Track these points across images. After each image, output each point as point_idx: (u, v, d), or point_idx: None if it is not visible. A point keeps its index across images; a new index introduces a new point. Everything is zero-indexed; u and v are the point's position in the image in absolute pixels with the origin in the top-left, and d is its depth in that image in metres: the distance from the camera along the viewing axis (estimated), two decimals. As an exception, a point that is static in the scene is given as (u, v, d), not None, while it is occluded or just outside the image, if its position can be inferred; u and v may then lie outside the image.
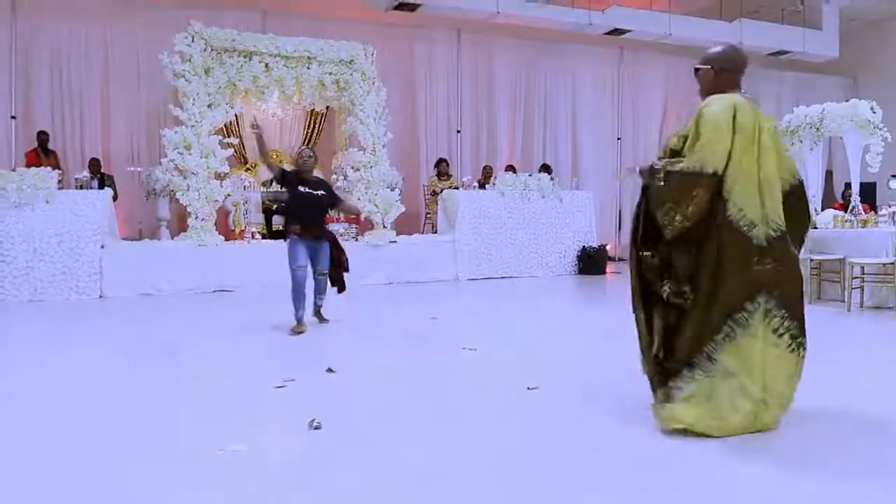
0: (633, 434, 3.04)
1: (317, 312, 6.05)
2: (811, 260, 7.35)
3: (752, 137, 3.00)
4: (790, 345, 3.02)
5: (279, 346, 5.17)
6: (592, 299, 8.43)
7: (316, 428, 3.14)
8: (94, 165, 9.59)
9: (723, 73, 3.17)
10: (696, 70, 3.24)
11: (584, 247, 10.70)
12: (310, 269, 5.76)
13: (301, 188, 5.73)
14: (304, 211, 5.74)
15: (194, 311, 7.20)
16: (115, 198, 9.29)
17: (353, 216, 10.02)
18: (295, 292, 5.63)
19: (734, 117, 2.98)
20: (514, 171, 11.18)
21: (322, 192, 5.80)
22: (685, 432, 2.97)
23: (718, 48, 3.23)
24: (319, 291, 5.94)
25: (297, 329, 5.61)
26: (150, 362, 4.67)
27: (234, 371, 4.41)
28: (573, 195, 10.89)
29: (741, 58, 3.22)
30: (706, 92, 3.18)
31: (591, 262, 10.62)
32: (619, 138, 14.11)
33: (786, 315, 3.01)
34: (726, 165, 2.96)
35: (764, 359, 2.97)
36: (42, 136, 9.62)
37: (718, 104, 3.03)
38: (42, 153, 9.54)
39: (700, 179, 2.95)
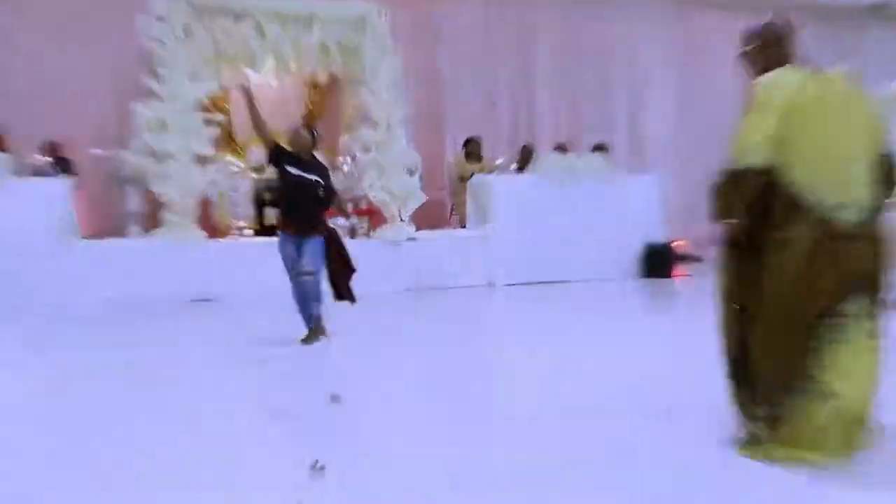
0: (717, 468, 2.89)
1: (312, 333, 5.84)
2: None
3: (811, 111, 3.08)
4: (879, 348, 3.11)
5: (272, 369, 5.13)
6: (657, 309, 8.31)
7: (319, 469, 3.10)
8: (51, 149, 9.60)
9: (766, 50, 3.33)
10: (741, 57, 3.41)
11: (648, 243, 10.58)
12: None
13: (290, 168, 5.70)
14: (291, 197, 5.76)
15: (171, 326, 7.20)
16: (74, 187, 9.33)
17: (360, 209, 10.00)
18: (299, 301, 5.76)
19: (776, 95, 3.10)
20: (565, 151, 11.05)
21: (316, 176, 5.77)
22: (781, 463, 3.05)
23: (751, 29, 3.42)
24: (302, 298, 5.81)
25: (314, 336, 5.73)
26: (115, 390, 4.64)
27: (217, 400, 4.37)
28: (634, 179, 10.80)
29: (780, 27, 3.36)
30: (756, 76, 3.31)
31: (658, 262, 10.49)
32: (685, 110, 13.93)
33: (880, 314, 3.11)
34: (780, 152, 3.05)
35: (863, 369, 3.06)
36: None
37: (760, 86, 3.18)
38: None
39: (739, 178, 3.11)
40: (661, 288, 9.69)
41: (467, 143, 11.58)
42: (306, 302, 5.76)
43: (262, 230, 10.21)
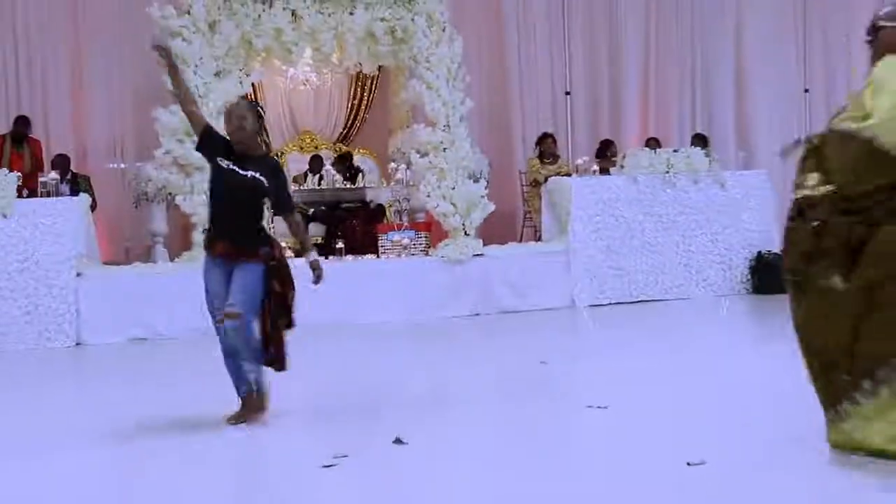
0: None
1: (244, 407, 4.91)
2: None
3: None
4: None
5: (323, 405, 5.21)
6: (772, 331, 8.17)
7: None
8: (62, 163, 9.88)
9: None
10: (881, 28, 3.77)
11: (759, 253, 10.43)
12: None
13: (223, 163, 4.79)
14: (218, 203, 4.86)
15: (204, 362, 7.32)
16: (94, 207, 9.64)
17: (416, 222, 10.10)
18: (225, 358, 4.95)
19: None
20: (658, 146, 10.99)
21: (259, 175, 4.79)
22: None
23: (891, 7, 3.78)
24: (229, 353, 4.90)
25: (247, 411, 4.87)
26: (147, 444, 4.75)
27: (264, 446, 4.51)
28: (741, 177, 10.65)
29: None
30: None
31: (771, 274, 10.30)
32: (806, 90, 13.74)
33: None
34: None
35: None
36: (20, 124, 9.87)
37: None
38: (13, 145, 9.85)
39: None
40: (777, 306, 9.53)
41: (540, 140, 11.62)
42: (233, 360, 4.86)
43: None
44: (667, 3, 13.28)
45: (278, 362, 4.91)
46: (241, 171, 4.71)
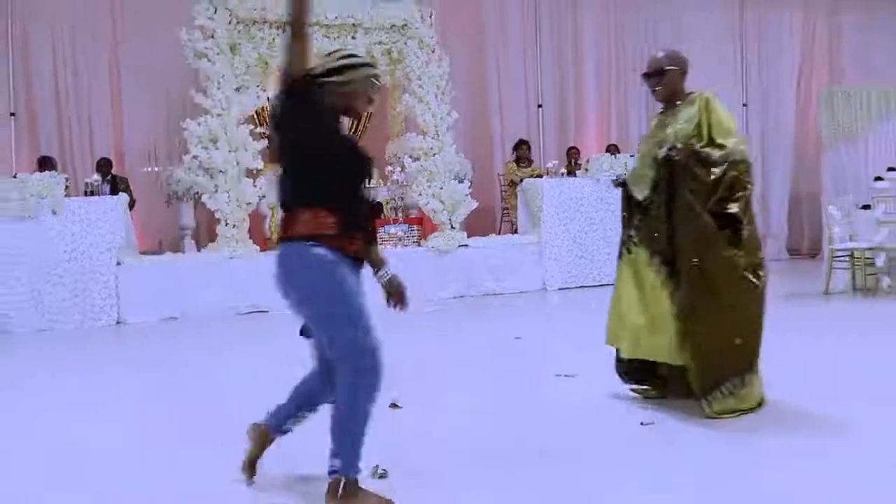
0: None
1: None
2: None
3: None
4: None
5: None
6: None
7: (381, 477, 3.18)
8: (104, 166, 9.92)
9: (685, 75, 4.28)
10: (660, 72, 4.21)
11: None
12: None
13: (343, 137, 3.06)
14: (347, 181, 2.99)
15: (230, 338, 7.40)
16: (132, 204, 9.64)
17: (410, 217, 10.14)
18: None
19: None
20: (617, 151, 11.03)
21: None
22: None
23: (669, 52, 4.33)
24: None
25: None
26: (174, 402, 4.84)
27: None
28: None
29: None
30: (674, 95, 4.23)
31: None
32: (745, 105, 13.80)
33: None
34: None
35: None
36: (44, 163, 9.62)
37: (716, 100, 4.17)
38: None
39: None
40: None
41: (517, 146, 11.65)
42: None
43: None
44: (625, 29, 13.31)
45: None
46: (367, 155, 3.05)
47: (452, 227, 9.88)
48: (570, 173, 10.89)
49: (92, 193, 8.67)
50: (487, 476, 3.22)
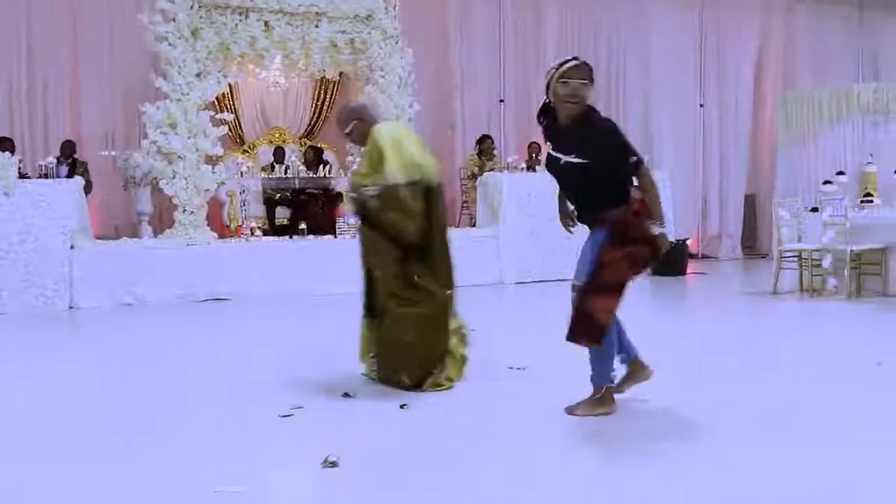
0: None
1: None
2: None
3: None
4: None
5: (284, 366, 5.22)
6: (666, 307, 8.38)
7: (331, 465, 3.17)
8: (67, 148, 9.71)
9: (365, 121, 4.61)
10: (345, 129, 4.65)
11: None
12: None
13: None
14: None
15: (182, 325, 7.33)
16: (89, 189, 9.47)
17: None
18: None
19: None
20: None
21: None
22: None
23: (354, 104, 5.06)
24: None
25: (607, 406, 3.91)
26: (129, 387, 4.77)
27: (230, 397, 4.49)
28: (645, 177, 10.73)
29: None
30: (365, 138, 4.54)
31: (668, 260, 10.50)
32: (701, 105, 13.96)
33: None
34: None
35: None
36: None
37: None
38: None
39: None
40: (670, 286, 9.75)
41: (481, 140, 11.68)
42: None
43: (273, 230, 10.34)
44: (588, 26, 13.38)
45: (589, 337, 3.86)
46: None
47: (411, 218, 9.85)
48: (530, 168, 10.94)
49: (46, 176, 8.52)
50: (440, 469, 3.23)
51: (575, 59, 3.92)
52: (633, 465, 3.22)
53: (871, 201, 9.18)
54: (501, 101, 12.92)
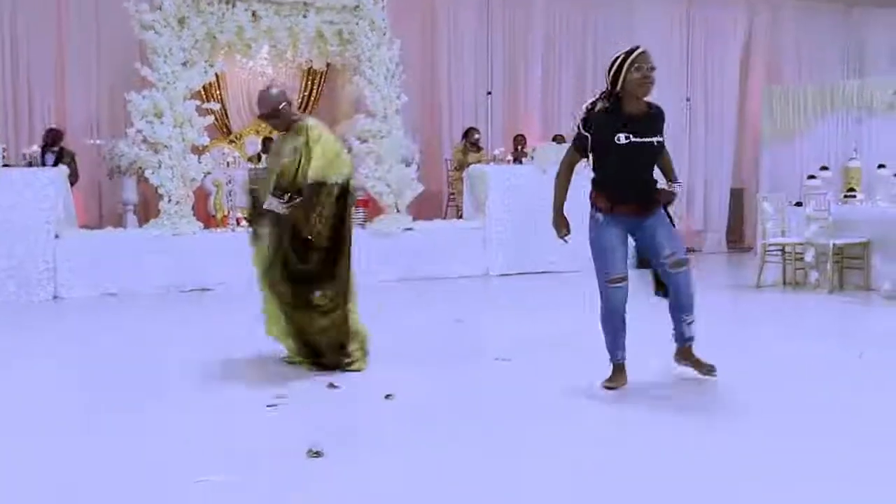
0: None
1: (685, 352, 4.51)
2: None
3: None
4: None
5: (270, 357, 5.21)
6: (647, 301, 8.43)
7: (316, 455, 3.19)
8: (54, 137, 9.57)
9: (291, 104, 4.84)
10: (274, 113, 4.71)
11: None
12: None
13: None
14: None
15: (167, 315, 7.31)
16: (75, 179, 9.37)
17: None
18: (613, 316, 4.34)
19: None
20: (563, 141, 11.10)
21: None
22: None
23: (272, 91, 4.78)
24: (619, 311, 4.37)
25: (617, 381, 4.26)
26: (113, 378, 4.76)
27: (214, 387, 4.48)
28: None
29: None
30: (289, 125, 4.73)
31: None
32: (688, 99, 14.00)
33: None
34: None
35: None
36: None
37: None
38: None
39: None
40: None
41: (468, 132, 11.66)
42: (622, 320, 4.39)
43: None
44: (576, 20, 13.38)
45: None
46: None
47: (398, 210, 9.87)
48: (516, 160, 10.94)
49: (31, 164, 8.46)
50: (426, 459, 3.24)
51: (639, 47, 4.32)
52: (606, 456, 3.24)
53: (855, 196, 9.24)
54: (489, 93, 12.91)
